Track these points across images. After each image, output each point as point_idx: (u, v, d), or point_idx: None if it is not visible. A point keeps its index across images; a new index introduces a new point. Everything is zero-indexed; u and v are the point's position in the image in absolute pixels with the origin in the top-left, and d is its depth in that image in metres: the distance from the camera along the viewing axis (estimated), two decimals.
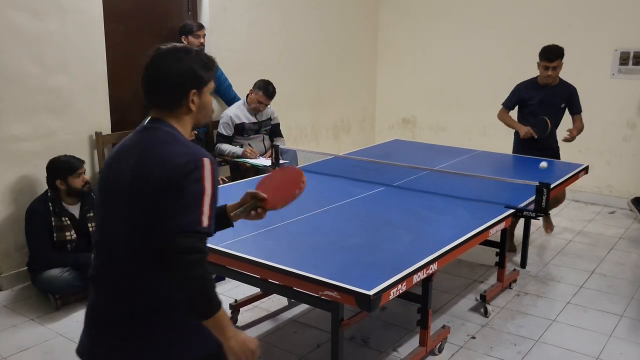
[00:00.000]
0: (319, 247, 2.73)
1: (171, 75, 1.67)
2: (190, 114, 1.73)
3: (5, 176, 3.83)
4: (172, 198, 1.54)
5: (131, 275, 1.63)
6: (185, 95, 1.69)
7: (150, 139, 1.68)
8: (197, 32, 4.67)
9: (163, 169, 1.58)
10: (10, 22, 3.73)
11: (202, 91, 1.72)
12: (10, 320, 3.48)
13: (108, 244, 1.69)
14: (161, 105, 1.72)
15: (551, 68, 4.32)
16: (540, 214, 3.24)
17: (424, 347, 2.98)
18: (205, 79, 1.72)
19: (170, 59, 1.69)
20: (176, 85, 1.68)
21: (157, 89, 1.71)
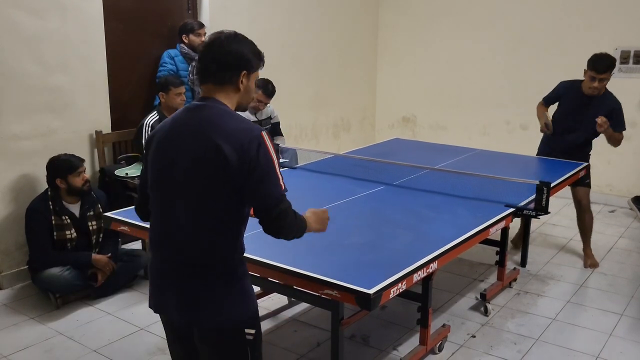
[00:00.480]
0: (319, 246, 2.72)
1: (231, 53, 1.86)
2: (238, 93, 1.90)
3: (5, 175, 3.83)
4: (254, 176, 1.78)
5: (206, 234, 1.84)
6: (238, 74, 1.87)
7: (211, 116, 1.84)
8: (198, 31, 4.66)
9: (232, 147, 1.76)
10: (10, 20, 3.72)
11: (251, 75, 1.91)
12: (10, 319, 3.48)
13: (184, 211, 1.85)
14: (214, 81, 1.87)
15: (598, 80, 4.02)
16: (540, 213, 3.24)
17: (424, 345, 2.99)
18: (254, 65, 1.92)
19: (233, 41, 1.88)
20: (233, 62, 1.86)
21: (215, 66, 1.86)
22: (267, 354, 3.12)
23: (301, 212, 2.01)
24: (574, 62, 5.78)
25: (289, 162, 4.38)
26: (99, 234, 3.78)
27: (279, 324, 3.44)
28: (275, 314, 3.55)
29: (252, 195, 1.81)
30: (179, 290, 1.88)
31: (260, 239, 2.69)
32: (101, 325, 3.42)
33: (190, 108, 1.90)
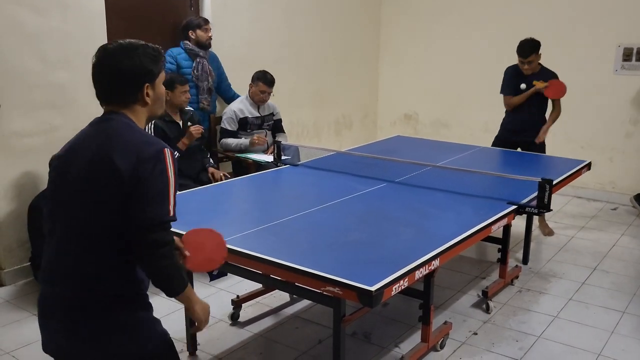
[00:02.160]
0: (321, 243, 2.72)
1: (125, 72, 1.71)
2: (146, 107, 1.78)
3: (7, 172, 3.83)
4: (139, 190, 1.61)
5: (91, 264, 1.67)
6: (140, 89, 1.74)
7: (109, 129, 1.72)
8: (205, 26, 4.72)
9: (126, 159, 1.62)
10: (12, 17, 3.73)
11: (155, 84, 1.78)
12: (13, 315, 3.49)
13: (66, 235, 1.71)
14: (116, 101, 1.75)
15: (526, 63, 4.61)
16: (543, 210, 3.24)
17: (426, 343, 2.99)
18: (155, 71, 1.77)
19: (121, 56, 1.72)
20: (131, 82, 1.72)
21: (111, 86, 1.74)
22: (268, 351, 3.14)
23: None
24: (577, 59, 5.80)
25: (291, 160, 4.38)
26: None
27: (281, 321, 3.44)
28: (277, 311, 3.55)
29: (132, 210, 1.61)
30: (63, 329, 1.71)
31: (261, 236, 2.70)
32: None
33: (93, 122, 1.79)
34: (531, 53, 4.58)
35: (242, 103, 4.81)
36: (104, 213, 1.65)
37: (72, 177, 1.71)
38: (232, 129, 4.75)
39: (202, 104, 4.74)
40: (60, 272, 1.72)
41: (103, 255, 1.68)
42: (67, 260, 1.70)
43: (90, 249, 1.67)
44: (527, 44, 4.60)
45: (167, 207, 1.64)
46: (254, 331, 3.32)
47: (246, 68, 5.08)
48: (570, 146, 5.84)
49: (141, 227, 1.62)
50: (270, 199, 3.56)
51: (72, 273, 1.70)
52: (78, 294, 1.69)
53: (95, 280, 1.68)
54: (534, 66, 4.64)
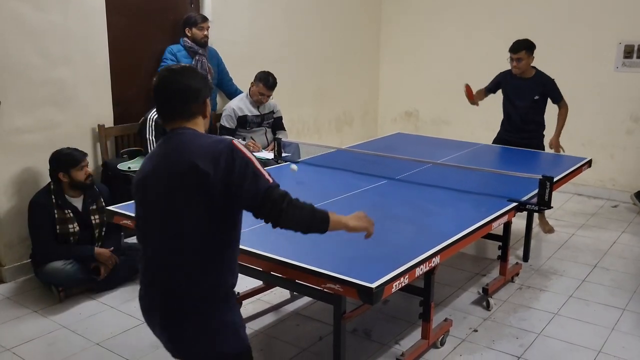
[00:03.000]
0: (321, 240, 2.70)
1: (193, 89, 1.90)
2: (205, 119, 1.98)
3: (8, 168, 3.83)
4: (234, 181, 1.75)
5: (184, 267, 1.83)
6: (204, 103, 1.94)
7: (184, 141, 1.86)
8: (201, 24, 4.66)
9: (208, 161, 1.76)
10: (13, 13, 3.72)
11: (207, 102, 1.98)
12: (13, 312, 3.49)
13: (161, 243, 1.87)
14: (183, 116, 1.91)
15: (515, 59, 4.60)
16: (543, 208, 3.24)
17: (426, 340, 2.99)
18: (209, 90, 2.00)
19: (187, 76, 1.91)
20: (197, 96, 1.91)
21: (180, 102, 1.90)
22: (269, 348, 3.14)
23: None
24: (577, 57, 5.79)
25: (291, 157, 4.38)
26: (101, 227, 3.78)
27: (281, 318, 3.45)
28: (278, 307, 3.55)
29: (240, 197, 1.77)
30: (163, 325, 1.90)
31: (261, 233, 2.70)
32: (104, 318, 3.43)
33: (163, 140, 1.93)
34: (520, 49, 4.56)
35: (242, 101, 4.80)
36: (197, 217, 1.79)
37: (161, 191, 1.84)
38: (230, 126, 4.74)
39: None
40: (157, 277, 1.90)
41: (198, 256, 1.82)
42: (162, 267, 1.87)
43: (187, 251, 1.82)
44: (519, 40, 4.62)
45: (263, 178, 1.78)
46: (255, 328, 3.32)
47: (247, 66, 5.08)
48: (570, 143, 5.81)
49: (257, 203, 1.77)
50: None
51: (167, 278, 1.86)
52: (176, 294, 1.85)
53: (188, 283, 1.83)
54: (523, 66, 4.60)
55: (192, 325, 1.85)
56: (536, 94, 4.66)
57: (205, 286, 1.83)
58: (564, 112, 4.73)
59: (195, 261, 1.82)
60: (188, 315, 1.85)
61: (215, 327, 1.87)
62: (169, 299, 1.86)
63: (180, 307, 1.85)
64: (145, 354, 3.04)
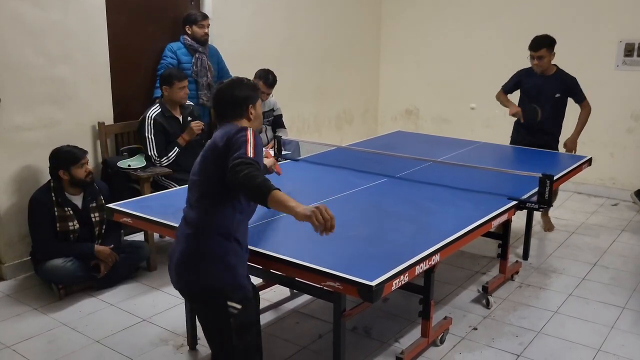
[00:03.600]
0: (321, 238, 2.71)
1: (236, 98, 2.39)
2: (250, 121, 2.41)
3: (8, 166, 3.83)
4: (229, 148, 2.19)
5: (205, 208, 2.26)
6: (247, 109, 2.40)
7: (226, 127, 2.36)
8: (202, 22, 4.65)
9: (223, 135, 2.26)
10: (13, 12, 3.72)
11: (256, 105, 2.44)
12: (13, 310, 3.50)
13: (197, 189, 2.31)
14: (230, 118, 2.39)
15: (536, 57, 4.51)
16: (543, 206, 3.24)
17: (426, 338, 2.99)
18: (254, 97, 2.44)
19: (233, 88, 2.41)
20: (240, 104, 2.39)
21: (227, 108, 2.40)
22: (269, 346, 3.14)
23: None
24: (578, 55, 5.78)
25: (292, 155, 4.38)
26: (101, 225, 3.79)
27: (281, 316, 3.45)
28: (277, 305, 3.56)
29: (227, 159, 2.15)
30: (174, 254, 2.30)
31: (262, 231, 2.70)
32: (104, 316, 3.44)
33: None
34: (541, 47, 4.46)
35: None
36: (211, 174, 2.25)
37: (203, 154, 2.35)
38: None
39: (201, 100, 4.72)
40: (186, 216, 2.34)
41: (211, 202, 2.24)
42: (191, 207, 2.32)
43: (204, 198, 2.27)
44: (539, 37, 4.50)
45: (244, 151, 2.13)
46: None
47: (247, 63, 5.08)
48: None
49: (232, 159, 2.13)
50: None
51: (192, 212, 2.29)
52: (191, 229, 2.26)
53: (204, 220, 2.24)
54: (545, 64, 4.50)
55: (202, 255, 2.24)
56: (558, 91, 4.55)
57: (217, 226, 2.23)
58: (586, 113, 4.62)
59: (211, 205, 2.24)
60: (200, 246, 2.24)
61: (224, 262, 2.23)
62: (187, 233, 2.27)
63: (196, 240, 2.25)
64: (145, 351, 3.05)
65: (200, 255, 2.23)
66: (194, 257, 2.24)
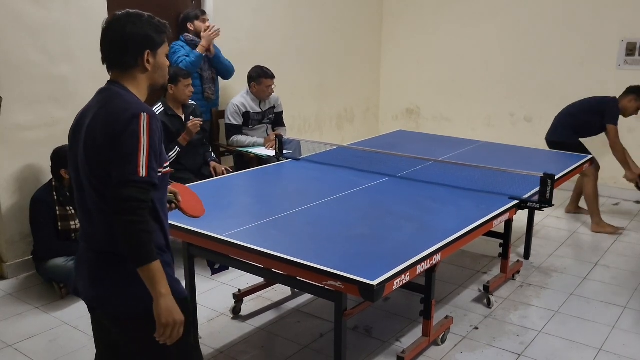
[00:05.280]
0: (322, 237, 2.73)
1: (127, 37, 1.80)
2: (146, 73, 1.85)
3: (9, 165, 3.84)
4: (112, 150, 1.67)
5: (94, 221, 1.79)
6: (141, 55, 1.81)
7: (103, 99, 1.80)
8: (203, 17, 4.73)
9: (107, 124, 1.70)
10: (14, 10, 3.72)
11: (157, 52, 1.85)
12: (15, 309, 3.50)
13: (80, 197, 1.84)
14: (118, 66, 1.84)
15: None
16: (545, 205, 3.23)
17: (427, 337, 3.00)
18: (158, 41, 1.85)
19: (126, 23, 1.81)
20: (132, 46, 1.80)
21: (115, 51, 1.82)
22: (270, 345, 3.15)
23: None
24: (580, 54, 5.78)
25: (292, 154, 4.37)
26: None
27: (282, 315, 3.45)
28: (279, 304, 3.56)
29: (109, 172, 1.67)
30: (86, 277, 1.83)
31: (263, 230, 2.71)
32: None
33: (97, 92, 1.86)
34: None
35: (244, 98, 4.80)
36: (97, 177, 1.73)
37: (79, 145, 1.79)
38: (238, 123, 4.73)
39: (206, 93, 4.77)
40: (83, 230, 1.87)
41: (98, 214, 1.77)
42: (85, 220, 1.85)
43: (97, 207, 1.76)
44: None
45: (135, 167, 1.64)
46: (256, 325, 3.33)
47: (249, 61, 5.07)
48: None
49: (112, 184, 1.66)
50: (272, 193, 3.56)
51: (90, 231, 1.83)
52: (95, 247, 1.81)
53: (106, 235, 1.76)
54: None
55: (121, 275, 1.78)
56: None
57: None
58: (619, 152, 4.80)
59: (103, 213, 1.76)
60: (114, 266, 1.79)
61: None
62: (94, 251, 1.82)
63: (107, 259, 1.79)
64: None
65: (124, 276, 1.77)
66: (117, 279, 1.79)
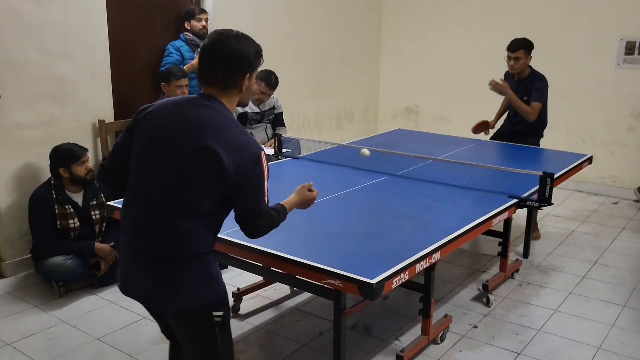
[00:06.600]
0: (322, 236, 2.73)
1: (237, 58, 1.90)
2: (240, 94, 1.97)
3: (9, 164, 3.83)
4: (244, 186, 1.88)
5: (181, 226, 1.88)
6: (242, 77, 1.93)
7: (213, 119, 1.88)
8: (199, 16, 4.67)
9: (231, 157, 1.83)
10: (14, 9, 3.71)
11: (252, 76, 1.98)
12: (14, 307, 3.50)
13: (159, 198, 1.90)
14: (218, 84, 1.92)
15: (513, 58, 4.52)
16: (544, 204, 3.24)
17: (426, 336, 2.99)
18: (255, 66, 1.97)
19: (238, 43, 1.91)
20: (239, 67, 1.91)
21: (219, 68, 1.90)
22: (269, 344, 3.15)
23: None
24: (579, 53, 5.78)
25: (292, 153, 4.38)
26: (102, 223, 3.79)
27: (282, 314, 3.45)
28: (278, 303, 3.56)
29: (239, 204, 1.93)
30: (150, 278, 1.93)
31: None
32: (104, 313, 3.44)
33: (196, 103, 1.92)
34: (519, 48, 4.47)
35: None
36: (203, 190, 1.85)
37: (169, 146, 1.88)
38: None
39: None
40: (147, 229, 1.91)
41: (193, 220, 1.87)
42: (158, 220, 1.89)
43: (183, 214, 1.87)
44: (518, 39, 4.54)
45: (264, 198, 1.96)
46: (255, 324, 3.33)
47: None
48: (571, 140, 5.83)
49: (250, 217, 1.96)
50: (271, 192, 3.54)
51: (162, 232, 1.89)
52: (168, 254, 1.90)
53: (184, 243, 1.89)
54: (521, 66, 4.48)
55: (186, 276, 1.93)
56: (526, 94, 4.49)
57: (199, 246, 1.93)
58: (527, 110, 4.41)
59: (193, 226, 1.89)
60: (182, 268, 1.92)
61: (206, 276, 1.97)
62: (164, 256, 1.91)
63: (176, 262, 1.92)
64: (145, 349, 3.05)
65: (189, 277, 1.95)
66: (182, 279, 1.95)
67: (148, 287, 1.95)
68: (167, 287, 1.92)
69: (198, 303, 1.95)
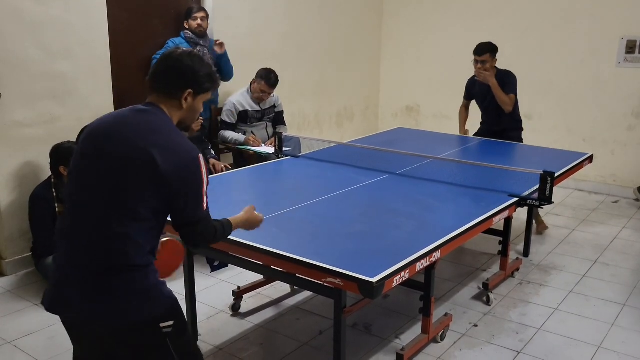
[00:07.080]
0: (322, 234, 2.73)
1: (183, 69, 1.92)
2: (180, 110, 1.96)
3: (8, 162, 3.83)
4: (181, 192, 1.84)
5: (108, 234, 1.80)
6: (182, 89, 1.93)
7: (151, 124, 1.89)
8: (195, 15, 4.64)
9: (168, 160, 1.80)
10: (14, 6, 3.71)
11: (197, 97, 1.97)
12: (14, 305, 3.50)
13: (87, 203, 1.84)
14: (161, 90, 1.94)
15: (480, 62, 4.63)
16: (544, 203, 3.24)
17: (426, 334, 2.99)
18: (204, 88, 1.97)
19: (189, 58, 1.95)
20: (181, 77, 1.92)
21: (164, 76, 1.94)
22: (269, 342, 3.15)
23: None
24: (579, 52, 5.78)
25: (292, 151, 4.37)
26: None
27: (282, 312, 3.45)
28: (278, 302, 3.56)
29: (176, 209, 1.87)
30: (83, 292, 1.82)
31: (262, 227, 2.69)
32: None
33: (136, 109, 1.93)
34: (485, 52, 4.60)
35: (243, 96, 4.79)
36: (137, 191, 1.79)
37: (109, 155, 1.83)
38: (231, 121, 4.73)
39: None
40: (82, 241, 1.83)
41: (128, 225, 1.80)
42: (92, 227, 1.82)
43: (118, 218, 1.79)
44: (483, 43, 4.67)
45: (202, 204, 1.90)
46: (255, 322, 3.33)
47: (247, 59, 5.07)
48: (571, 139, 5.83)
49: (187, 224, 1.91)
50: (272, 190, 3.56)
51: (96, 240, 1.81)
52: (104, 265, 1.80)
53: (122, 254, 1.80)
54: (489, 69, 4.61)
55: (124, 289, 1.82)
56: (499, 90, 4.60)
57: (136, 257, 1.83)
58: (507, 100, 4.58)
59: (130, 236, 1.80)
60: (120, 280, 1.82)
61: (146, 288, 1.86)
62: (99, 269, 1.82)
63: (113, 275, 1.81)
64: None
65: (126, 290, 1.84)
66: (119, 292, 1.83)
67: (77, 300, 1.83)
68: (99, 299, 1.80)
69: (137, 318, 1.82)
